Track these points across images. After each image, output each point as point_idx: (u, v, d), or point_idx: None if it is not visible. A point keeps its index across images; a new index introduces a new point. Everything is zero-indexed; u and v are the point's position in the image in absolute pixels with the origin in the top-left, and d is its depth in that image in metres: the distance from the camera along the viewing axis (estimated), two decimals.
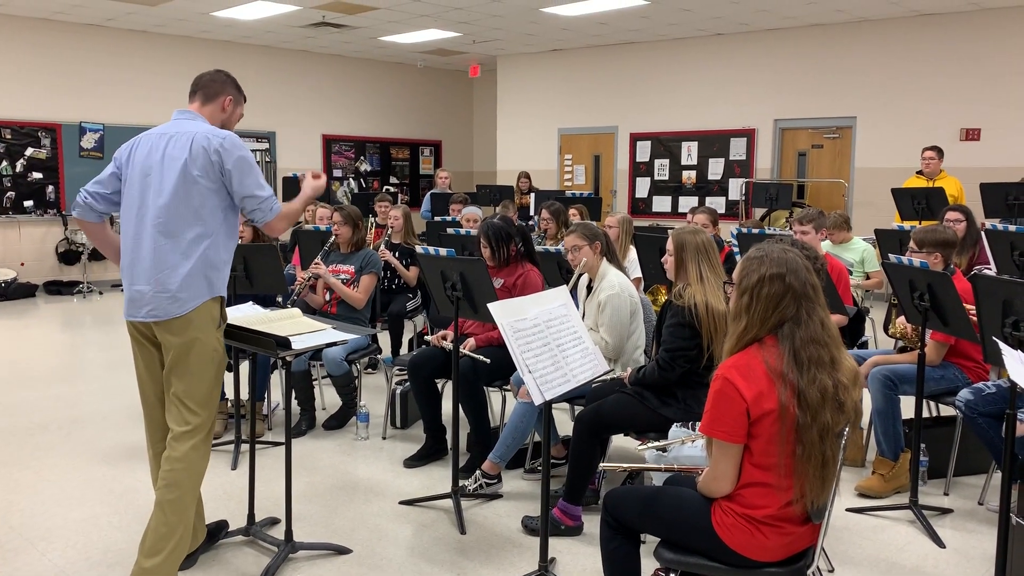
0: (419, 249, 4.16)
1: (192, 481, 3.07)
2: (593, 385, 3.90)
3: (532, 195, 10.37)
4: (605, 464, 2.88)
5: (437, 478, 4.36)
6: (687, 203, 11.75)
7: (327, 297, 5.33)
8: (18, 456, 4.66)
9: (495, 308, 2.94)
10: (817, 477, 2.26)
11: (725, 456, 2.32)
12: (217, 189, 3.05)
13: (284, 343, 3.05)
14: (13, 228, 10.94)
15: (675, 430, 3.36)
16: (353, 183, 14.26)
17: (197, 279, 3.01)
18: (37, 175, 11.03)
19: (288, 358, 3.23)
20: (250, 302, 3.77)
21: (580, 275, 4.33)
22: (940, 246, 4.24)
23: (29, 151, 10.96)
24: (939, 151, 8.33)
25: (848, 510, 3.96)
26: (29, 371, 6.69)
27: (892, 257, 4.02)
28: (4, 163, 10.83)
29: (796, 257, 2.32)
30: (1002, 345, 2.38)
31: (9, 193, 10.85)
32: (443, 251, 3.95)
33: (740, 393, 2.25)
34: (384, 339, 6.66)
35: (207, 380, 3.06)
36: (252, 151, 11.67)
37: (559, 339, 3.09)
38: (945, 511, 3.95)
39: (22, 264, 10.93)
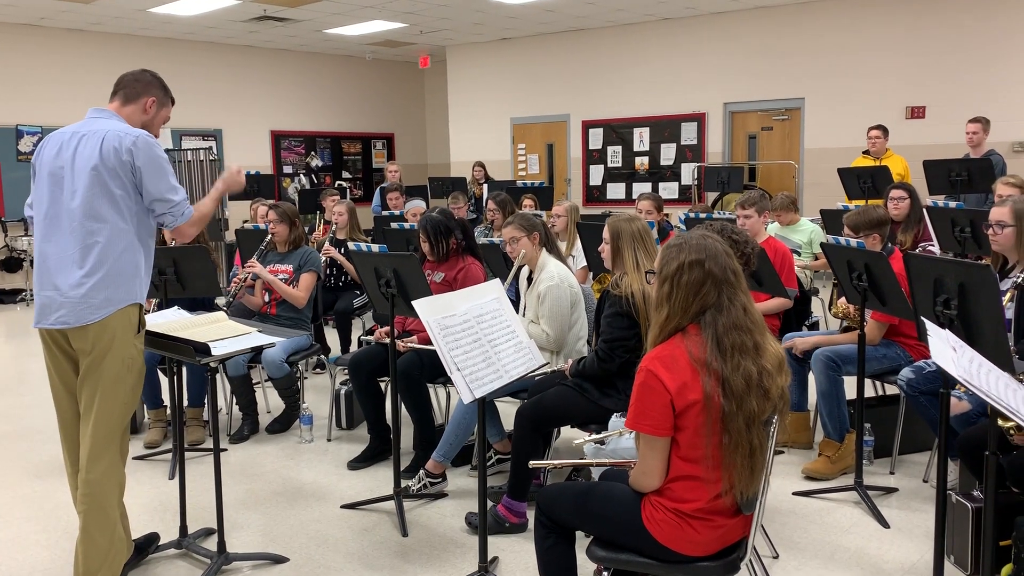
0: (351, 246, 4.06)
1: (113, 497, 2.95)
2: (536, 378, 3.83)
3: (485, 186, 10.28)
4: (535, 462, 2.81)
5: (382, 479, 4.26)
6: (641, 189, 11.74)
7: (266, 298, 5.19)
8: None
9: (421, 305, 2.86)
10: (745, 467, 2.21)
11: (652, 450, 2.26)
12: (130, 190, 2.92)
13: (203, 349, 2.93)
14: None
15: (615, 421, 3.31)
16: (304, 179, 14.03)
17: (112, 284, 2.88)
18: None
19: (211, 364, 3.10)
20: (175, 307, 3.64)
21: (520, 267, 4.26)
22: (874, 227, 4.23)
23: None
24: (884, 130, 8.37)
25: (795, 493, 3.95)
26: None
27: (830, 238, 3.99)
28: None
29: (715, 243, 2.27)
30: (928, 324, 2.34)
31: None
32: (375, 247, 3.85)
33: (664, 385, 2.19)
34: (335, 338, 6.54)
35: (124, 390, 2.93)
36: (198, 150, 11.51)
37: (491, 334, 3.01)
38: (890, 490, 3.95)
39: None
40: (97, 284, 2.85)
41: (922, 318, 2.60)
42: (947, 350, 2.18)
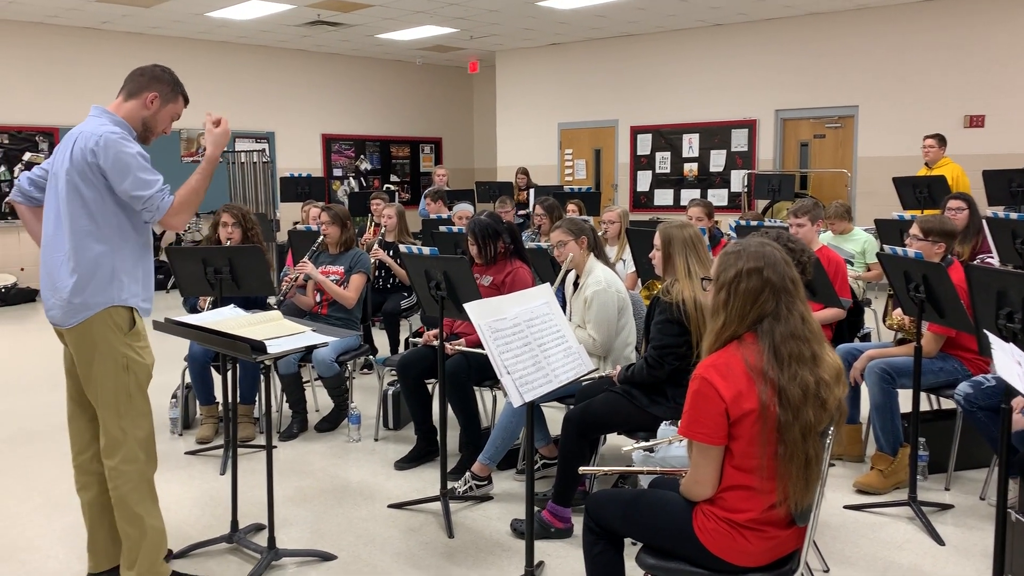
0: (403, 248, 4.10)
1: (134, 492, 2.98)
2: (583, 384, 3.82)
3: (531, 191, 10.29)
4: (585, 468, 2.80)
5: (428, 480, 4.29)
6: (689, 196, 11.63)
7: (317, 298, 5.27)
8: (6, 464, 4.62)
9: (472, 308, 2.87)
10: (800, 478, 2.18)
11: (705, 459, 2.24)
12: (103, 193, 2.89)
13: (259, 347, 2.97)
14: (12, 234, 10.93)
15: (664, 429, 3.29)
16: (353, 182, 14.21)
17: (87, 289, 2.89)
18: None
19: (267, 362, 3.15)
20: (232, 305, 3.70)
21: (567, 271, 4.25)
22: (945, 236, 4.15)
23: (27, 156, 10.94)
24: (940, 139, 8.19)
25: (846, 507, 3.88)
26: (24, 377, 6.65)
27: (887, 248, 3.92)
28: (3, 168, 10.83)
29: (774, 251, 2.24)
30: (993, 338, 2.29)
31: (8, 198, 10.82)
32: (426, 250, 3.88)
33: (719, 393, 2.17)
34: (383, 339, 6.60)
35: (123, 391, 2.96)
36: (251, 152, 11.70)
37: (540, 339, 3.01)
38: (946, 507, 3.86)
39: (22, 269, 10.92)
40: (74, 288, 2.88)
41: (986, 331, 2.54)
42: (1012, 365, 2.12)
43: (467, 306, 2.87)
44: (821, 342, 2.24)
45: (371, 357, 6.07)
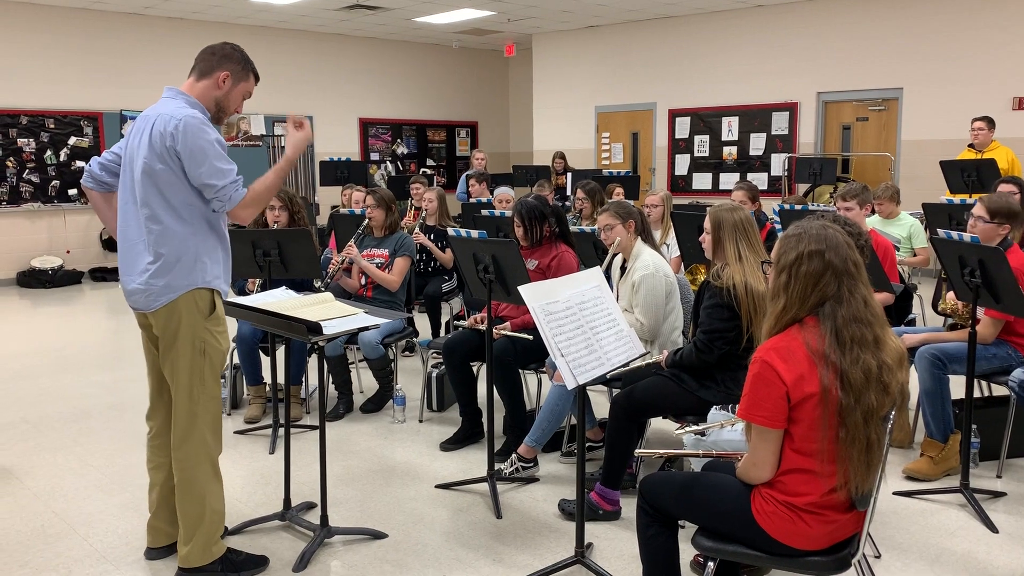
0: (451, 231, 4.11)
1: (200, 473, 3.05)
2: (630, 367, 3.82)
3: (568, 175, 10.26)
4: (640, 450, 2.80)
5: (474, 461, 4.33)
6: (728, 180, 11.55)
7: (362, 281, 5.32)
8: (62, 442, 4.73)
9: (526, 291, 2.88)
10: (862, 462, 2.17)
11: (764, 442, 2.24)
12: (180, 176, 2.88)
13: (315, 328, 3.01)
14: (58, 217, 11.15)
15: (714, 413, 3.28)
16: (390, 166, 14.27)
17: (170, 272, 2.91)
18: (81, 164, 11.20)
19: (320, 343, 3.19)
20: (283, 287, 3.75)
21: (614, 255, 4.24)
22: (1010, 217, 4.00)
23: (72, 140, 11.14)
24: (990, 121, 8.03)
25: (896, 493, 3.85)
26: (74, 357, 6.81)
27: (941, 232, 3.86)
28: (48, 152, 11.02)
29: (836, 233, 2.22)
30: None
31: (54, 182, 11.05)
32: (475, 233, 3.90)
33: (779, 376, 2.16)
34: (424, 322, 6.65)
35: (197, 372, 2.99)
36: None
37: (592, 322, 3.02)
38: (998, 494, 3.82)
39: (68, 252, 11.14)
40: (156, 272, 2.91)
41: None
42: None
43: (521, 289, 2.88)
44: (884, 326, 2.22)
45: (414, 340, 6.11)
